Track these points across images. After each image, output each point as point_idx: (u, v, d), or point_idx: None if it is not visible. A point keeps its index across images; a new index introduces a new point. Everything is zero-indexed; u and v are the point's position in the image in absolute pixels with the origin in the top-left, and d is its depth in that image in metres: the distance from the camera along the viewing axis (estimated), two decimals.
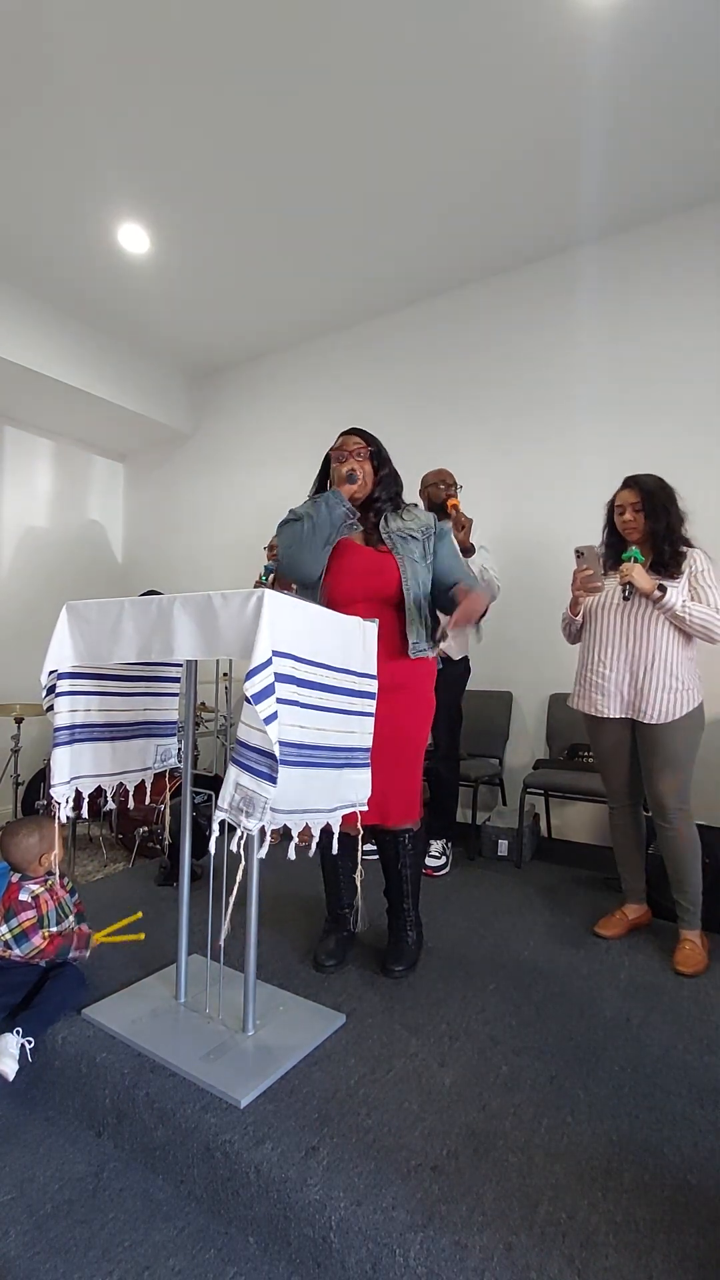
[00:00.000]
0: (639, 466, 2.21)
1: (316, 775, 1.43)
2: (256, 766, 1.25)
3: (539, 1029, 1.62)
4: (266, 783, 1.24)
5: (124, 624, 1.49)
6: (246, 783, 1.26)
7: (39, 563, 4.53)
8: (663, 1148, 1.24)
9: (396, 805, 1.84)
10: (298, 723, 1.36)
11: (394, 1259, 1.03)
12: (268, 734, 1.23)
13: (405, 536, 1.87)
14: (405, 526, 1.89)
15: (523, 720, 3.35)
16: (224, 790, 1.28)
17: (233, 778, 1.27)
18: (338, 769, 1.50)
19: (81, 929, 1.81)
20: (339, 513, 1.82)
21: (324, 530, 1.81)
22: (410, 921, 1.95)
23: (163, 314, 3.93)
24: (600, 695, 2.09)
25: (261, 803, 1.25)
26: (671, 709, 1.98)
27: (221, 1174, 1.24)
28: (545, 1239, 1.04)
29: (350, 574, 1.85)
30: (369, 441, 1.92)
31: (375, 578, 1.84)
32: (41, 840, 1.76)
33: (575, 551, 2.08)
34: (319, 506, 1.82)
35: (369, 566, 1.85)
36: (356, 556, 1.86)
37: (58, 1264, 1.15)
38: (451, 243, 3.25)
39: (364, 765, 1.60)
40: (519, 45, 2.21)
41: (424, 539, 1.89)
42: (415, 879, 1.94)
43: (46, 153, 2.71)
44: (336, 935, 1.98)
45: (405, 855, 1.90)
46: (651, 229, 3.07)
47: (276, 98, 2.43)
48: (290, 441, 4.27)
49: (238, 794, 1.27)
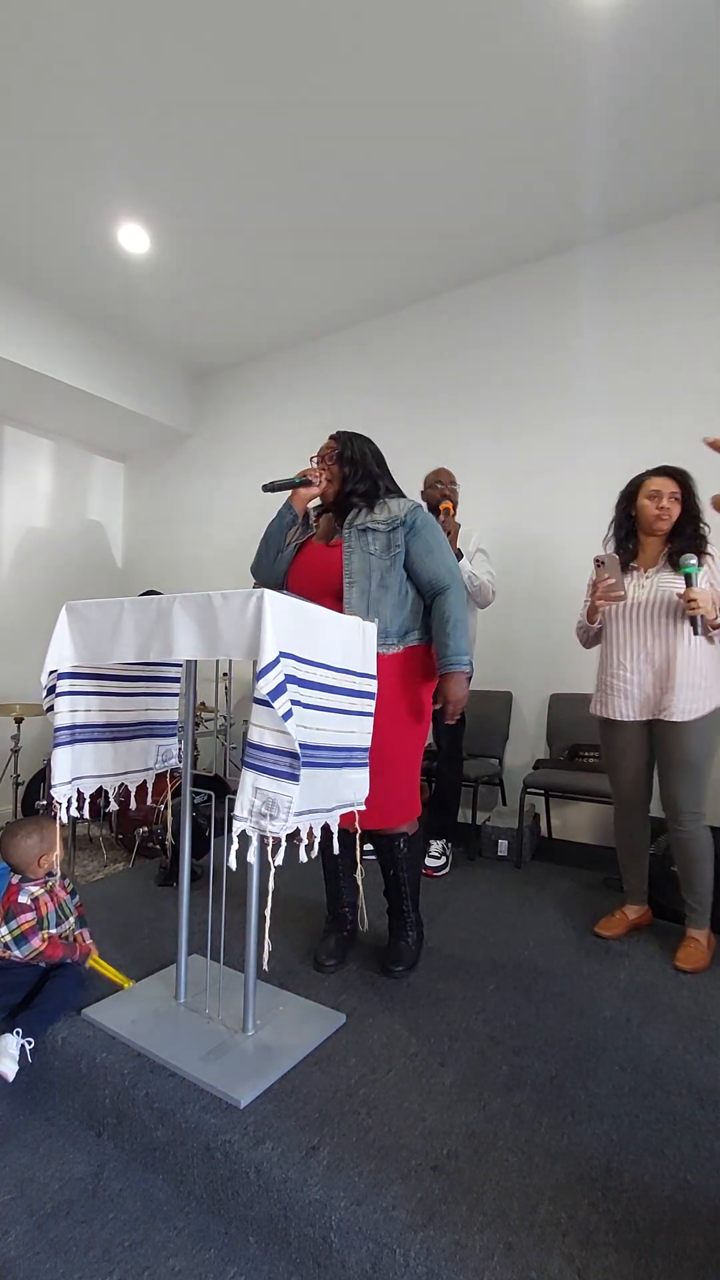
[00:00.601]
0: (638, 466, 2.21)
1: (319, 775, 1.42)
2: (275, 767, 1.23)
3: (539, 1029, 1.62)
4: (289, 783, 1.22)
5: (124, 624, 1.49)
6: (266, 785, 1.23)
7: (39, 563, 4.53)
8: (663, 1148, 1.24)
9: (387, 807, 1.81)
10: (300, 723, 1.36)
11: (394, 1259, 1.03)
12: (288, 733, 1.21)
13: (364, 529, 1.84)
14: (370, 519, 1.86)
15: (523, 720, 3.35)
16: (241, 798, 1.24)
17: (249, 782, 1.23)
18: (337, 769, 1.49)
19: (83, 944, 1.79)
20: (287, 520, 1.94)
21: (274, 539, 1.94)
22: (410, 922, 1.94)
23: (163, 314, 3.93)
24: (623, 699, 2.06)
25: (285, 804, 1.22)
26: (694, 707, 1.94)
27: (221, 1174, 1.24)
28: (545, 1239, 1.04)
29: (301, 570, 1.92)
30: (338, 442, 1.97)
31: (321, 570, 1.85)
32: (41, 841, 1.75)
33: (595, 560, 2.02)
34: (275, 520, 1.95)
35: (318, 561, 1.89)
36: (311, 554, 1.92)
37: (58, 1264, 1.15)
38: (451, 242, 3.25)
39: (362, 765, 1.59)
40: (519, 45, 2.21)
41: (388, 530, 1.84)
42: (414, 881, 1.93)
43: (47, 153, 2.71)
44: (337, 935, 1.98)
45: (400, 859, 1.89)
46: (651, 228, 3.07)
47: (277, 98, 2.43)
48: (290, 441, 4.27)
49: (257, 798, 1.23)
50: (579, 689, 3.12)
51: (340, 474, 1.93)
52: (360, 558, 1.81)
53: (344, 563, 1.81)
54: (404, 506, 1.89)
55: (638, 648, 2.03)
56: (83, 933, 1.82)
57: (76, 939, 1.79)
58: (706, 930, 2.01)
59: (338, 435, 1.99)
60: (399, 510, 1.88)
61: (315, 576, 1.87)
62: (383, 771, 1.76)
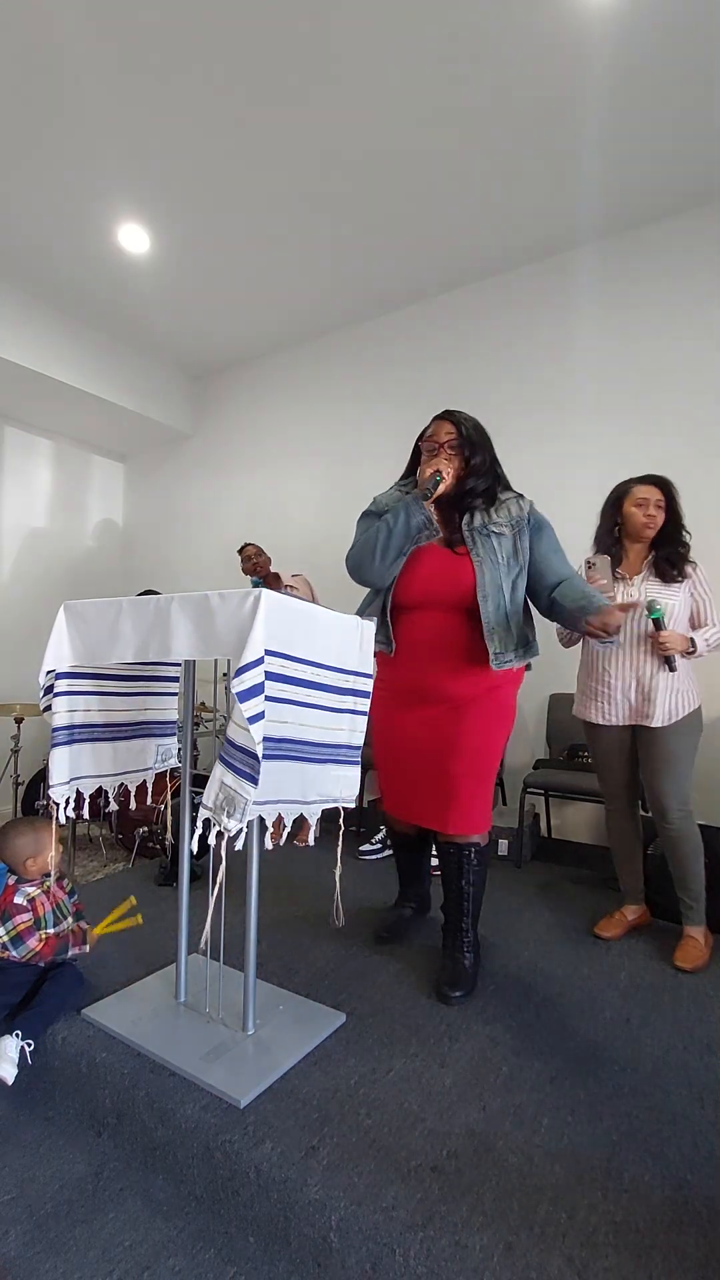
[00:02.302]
0: (638, 467, 2.21)
1: (292, 768, 1.42)
2: (240, 766, 1.25)
3: (539, 1029, 1.62)
4: (248, 783, 1.24)
5: (122, 624, 1.49)
6: (230, 782, 1.25)
7: (38, 563, 4.53)
8: (663, 1148, 1.24)
9: (458, 814, 1.76)
10: (279, 718, 1.36)
11: (394, 1259, 1.03)
12: (250, 733, 1.22)
13: (489, 534, 1.67)
14: (492, 522, 1.68)
15: (523, 720, 3.35)
16: (209, 787, 1.28)
17: (218, 775, 1.27)
18: (319, 764, 1.48)
19: (80, 925, 1.80)
20: (417, 522, 1.65)
21: (399, 541, 1.66)
22: (468, 942, 1.80)
23: (163, 314, 3.92)
24: (607, 704, 2.08)
25: (242, 803, 1.24)
26: (674, 711, 1.98)
27: (221, 1174, 1.23)
28: (545, 1239, 1.04)
29: (419, 579, 1.71)
30: (456, 425, 1.72)
31: (446, 582, 1.68)
32: (32, 842, 1.73)
33: (586, 562, 2.02)
34: (399, 514, 1.65)
35: (440, 569, 1.69)
36: (429, 558, 1.71)
37: (58, 1264, 1.15)
38: (451, 243, 3.25)
39: (352, 762, 1.57)
40: (519, 44, 2.21)
41: (514, 534, 1.69)
42: (477, 898, 1.80)
43: (47, 153, 2.70)
44: (398, 913, 2.08)
45: (469, 870, 1.77)
46: (651, 229, 3.07)
47: (277, 98, 2.42)
48: (290, 441, 4.27)
49: (221, 793, 1.26)
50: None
51: (461, 465, 1.69)
52: (489, 569, 1.65)
53: (476, 575, 1.65)
54: (523, 504, 1.73)
55: (624, 655, 2.04)
56: (80, 923, 1.82)
57: (76, 930, 1.79)
58: (703, 928, 2.02)
59: (452, 417, 1.73)
60: (519, 510, 1.72)
61: (439, 585, 1.69)
62: (476, 778, 1.76)
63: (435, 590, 1.70)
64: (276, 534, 4.08)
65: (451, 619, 1.68)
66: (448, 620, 1.68)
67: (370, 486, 2.00)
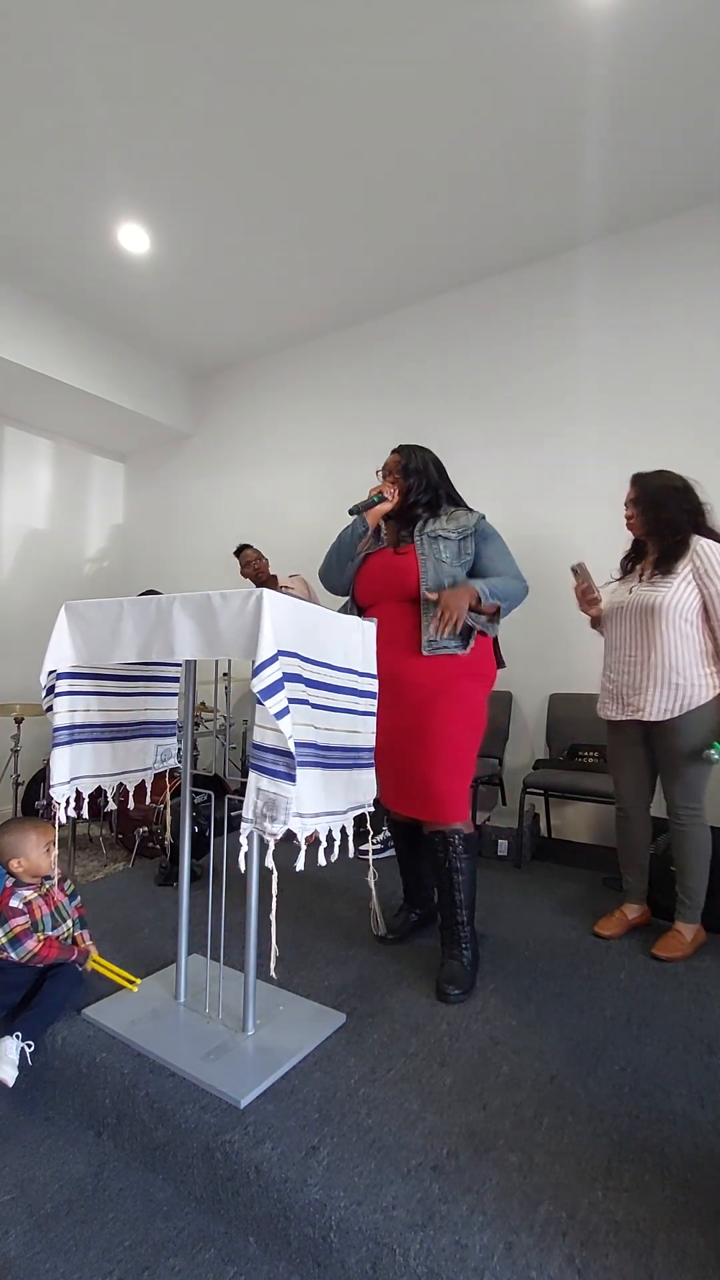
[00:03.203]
0: (638, 466, 2.21)
1: (334, 776, 1.42)
2: (274, 768, 1.23)
3: (539, 1029, 1.62)
4: (286, 783, 1.22)
5: (123, 624, 1.49)
6: (266, 786, 1.23)
7: (39, 563, 4.53)
8: (663, 1148, 1.24)
9: (435, 803, 1.80)
10: (311, 723, 1.35)
11: (394, 1259, 1.03)
12: (281, 730, 1.21)
13: (435, 537, 1.93)
14: (440, 528, 1.95)
15: (523, 720, 3.35)
16: (246, 800, 1.25)
17: (253, 784, 1.24)
18: (348, 769, 1.49)
19: (82, 945, 1.78)
20: (359, 532, 2.02)
21: (346, 549, 2.03)
22: (464, 937, 1.82)
23: (163, 314, 3.93)
24: (610, 699, 2.14)
25: (284, 804, 1.22)
26: (669, 706, 1.97)
27: (221, 1174, 1.23)
28: (545, 1239, 1.04)
29: (370, 577, 1.99)
30: (402, 455, 2.06)
31: (393, 575, 1.92)
32: (16, 843, 1.70)
33: (571, 569, 2.16)
34: (347, 529, 2.04)
35: (387, 566, 1.95)
36: (378, 560, 1.99)
37: (58, 1264, 1.15)
38: (452, 242, 3.25)
39: (369, 765, 1.59)
40: (519, 44, 2.21)
41: (460, 539, 1.94)
42: (469, 887, 1.82)
43: (47, 153, 2.71)
44: (405, 914, 2.12)
45: (455, 857, 1.79)
46: (651, 229, 3.07)
47: (277, 97, 2.43)
48: (290, 441, 4.27)
49: (260, 799, 1.24)
50: (578, 689, 3.12)
51: (404, 486, 2.02)
52: (433, 564, 1.89)
53: (420, 570, 1.88)
54: (472, 517, 2.00)
55: (624, 650, 2.10)
56: (82, 934, 1.81)
57: (76, 940, 1.78)
58: (694, 926, 2.03)
59: (400, 449, 2.09)
60: (468, 521, 1.98)
61: (386, 580, 1.95)
62: (444, 763, 1.81)
63: (384, 584, 1.95)
64: (276, 533, 4.08)
65: (400, 609, 1.90)
66: (398, 610, 1.90)
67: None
